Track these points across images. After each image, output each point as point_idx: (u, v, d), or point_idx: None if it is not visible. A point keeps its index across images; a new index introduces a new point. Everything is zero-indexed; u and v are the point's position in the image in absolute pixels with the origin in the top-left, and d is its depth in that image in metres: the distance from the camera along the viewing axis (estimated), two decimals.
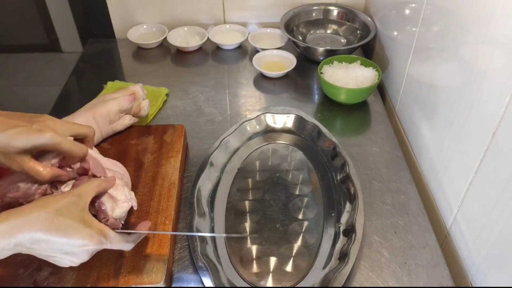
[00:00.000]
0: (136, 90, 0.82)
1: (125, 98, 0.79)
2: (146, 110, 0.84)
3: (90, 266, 0.59)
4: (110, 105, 0.77)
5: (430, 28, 0.75)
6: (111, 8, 1.17)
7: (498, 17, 0.54)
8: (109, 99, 0.78)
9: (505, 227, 0.54)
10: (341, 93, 0.89)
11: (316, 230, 0.68)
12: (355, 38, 1.12)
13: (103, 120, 0.76)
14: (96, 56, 1.13)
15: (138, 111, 0.83)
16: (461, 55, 0.64)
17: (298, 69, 1.02)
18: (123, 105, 0.78)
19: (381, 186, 0.76)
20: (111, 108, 0.77)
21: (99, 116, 0.75)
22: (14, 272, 0.59)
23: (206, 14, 1.19)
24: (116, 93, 0.80)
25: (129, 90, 0.81)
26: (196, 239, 0.63)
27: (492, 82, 0.56)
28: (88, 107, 0.77)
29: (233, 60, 1.10)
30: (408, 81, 0.86)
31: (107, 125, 0.77)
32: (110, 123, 0.78)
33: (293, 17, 1.14)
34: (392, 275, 0.62)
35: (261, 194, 0.74)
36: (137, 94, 0.82)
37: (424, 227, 0.69)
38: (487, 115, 0.56)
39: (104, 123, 0.77)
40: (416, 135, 0.82)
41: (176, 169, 0.73)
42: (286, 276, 0.62)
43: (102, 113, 0.76)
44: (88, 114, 0.75)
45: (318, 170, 0.78)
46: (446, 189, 0.70)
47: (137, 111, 0.83)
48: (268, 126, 0.86)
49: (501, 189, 0.54)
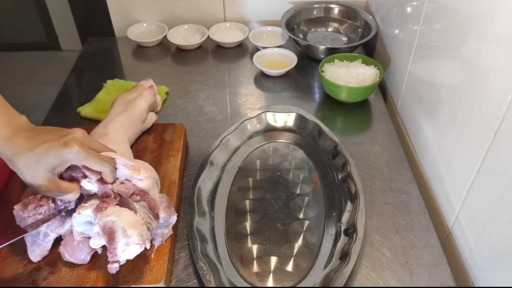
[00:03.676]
0: (151, 82, 0.81)
1: (148, 92, 0.78)
2: (160, 105, 0.85)
3: (90, 266, 0.59)
4: (140, 104, 0.75)
5: (432, 26, 0.75)
6: (111, 6, 1.16)
7: (501, 15, 0.54)
8: (133, 100, 0.75)
9: (507, 226, 0.53)
10: (342, 91, 0.89)
11: (317, 230, 0.68)
12: (356, 36, 1.12)
13: (137, 122, 0.75)
14: (95, 55, 1.12)
15: (155, 106, 0.83)
16: (463, 53, 0.64)
17: (299, 68, 1.02)
18: (150, 100, 0.78)
19: (382, 185, 0.75)
20: (142, 107, 0.75)
21: (134, 119, 0.74)
22: (13, 271, 0.59)
23: (206, 12, 1.18)
24: (132, 92, 0.78)
25: (144, 84, 0.80)
26: (196, 239, 0.63)
27: (495, 81, 0.55)
28: (115, 114, 0.73)
29: (234, 58, 1.09)
30: (409, 80, 0.85)
31: (140, 126, 0.76)
32: (143, 122, 0.77)
33: (294, 15, 1.13)
34: (393, 275, 0.62)
35: (261, 193, 0.73)
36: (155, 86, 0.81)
37: (426, 226, 0.69)
38: (489, 114, 0.56)
39: (138, 124, 0.75)
40: (418, 133, 0.81)
41: (176, 168, 0.73)
42: (287, 276, 0.62)
43: (136, 115, 0.74)
44: (123, 119, 0.72)
45: (319, 169, 0.77)
46: (448, 188, 0.69)
47: (155, 107, 0.83)
48: (268, 125, 0.85)
49: (503, 188, 0.54)
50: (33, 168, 0.50)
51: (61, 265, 0.59)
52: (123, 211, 0.56)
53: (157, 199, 0.60)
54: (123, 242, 0.53)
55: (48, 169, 0.51)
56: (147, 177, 0.60)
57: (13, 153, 0.50)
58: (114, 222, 0.54)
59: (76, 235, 0.57)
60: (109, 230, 0.54)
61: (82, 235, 0.57)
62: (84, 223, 0.56)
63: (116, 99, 0.77)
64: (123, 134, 0.70)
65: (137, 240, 0.54)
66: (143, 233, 0.55)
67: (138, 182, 0.60)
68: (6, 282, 0.58)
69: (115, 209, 0.56)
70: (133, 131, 0.74)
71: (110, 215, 0.54)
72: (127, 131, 0.72)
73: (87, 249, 0.58)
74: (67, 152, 0.51)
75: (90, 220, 0.56)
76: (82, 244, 0.58)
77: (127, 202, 0.58)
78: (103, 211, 0.55)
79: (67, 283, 0.58)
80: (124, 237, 0.54)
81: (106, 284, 0.57)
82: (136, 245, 0.54)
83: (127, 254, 0.54)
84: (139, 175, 0.59)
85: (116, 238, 0.54)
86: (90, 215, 0.55)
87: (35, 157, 0.50)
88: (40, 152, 0.50)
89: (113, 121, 0.71)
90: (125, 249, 0.53)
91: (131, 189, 0.59)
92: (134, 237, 0.54)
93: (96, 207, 0.55)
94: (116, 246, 0.53)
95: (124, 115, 0.73)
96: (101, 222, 0.54)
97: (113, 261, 0.53)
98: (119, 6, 1.16)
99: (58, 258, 0.60)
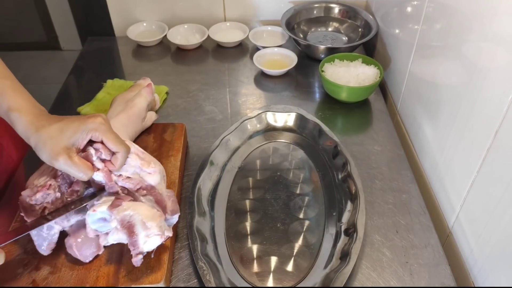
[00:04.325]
0: (148, 81, 0.82)
1: (146, 90, 0.78)
2: (158, 103, 0.85)
3: (90, 266, 0.59)
4: (139, 103, 0.76)
5: (432, 26, 0.75)
6: (111, 6, 1.16)
7: (501, 15, 0.54)
8: (131, 99, 0.76)
9: (507, 226, 0.53)
10: (343, 91, 0.89)
11: (317, 230, 0.67)
12: (356, 36, 1.11)
13: (137, 120, 0.75)
14: (95, 54, 1.12)
15: (154, 105, 0.83)
16: (463, 53, 0.64)
17: (299, 67, 1.02)
18: (148, 98, 0.78)
19: (382, 185, 0.75)
20: (140, 105, 0.76)
21: (133, 117, 0.74)
22: (13, 271, 0.59)
23: (206, 11, 1.18)
24: (130, 91, 0.78)
25: (142, 83, 0.81)
26: (196, 238, 0.63)
27: (495, 80, 0.55)
28: (115, 113, 0.73)
29: (234, 58, 1.09)
30: (410, 79, 0.85)
31: (140, 124, 0.76)
32: (142, 121, 0.77)
33: (294, 15, 1.13)
34: (393, 275, 0.62)
35: (261, 193, 0.73)
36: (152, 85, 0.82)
37: (426, 226, 0.69)
38: (490, 113, 0.56)
39: (138, 123, 0.75)
40: (418, 133, 0.81)
41: (176, 168, 0.72)
42: (287, 275, 0.62)
43: (135, 113, 0.74)
44: (122, 118, 0.72)
45: (319, 169, 0.77)
46: (448, 188, 0.69)
47: (153, 105, 0.83)
48: (268, 125, 0.85)
49: (504, 188, 0.53)
50: (56, 137, 0.53)
51: (61, 265, 0.59)
52: (139, 205, 0.57)
53: (164, 194, 0.61)
54: (144, 234, 0.54)
55: (70, 139, 0.54)
56: (155, 171, 0.61)
57: (39, 126, 0.54)
58: (132, 216, 0.55)
59: (90, 233, 0.57)
60: (127, 224, 0.55)
61: (96, 232, 0.57)
62: (99, 220, 0.57)
63: (115, 99, 0.77)
64: (123, 133, 0.70)
65: (157, 231, 0.55)
66: (161, 225, 0.56)
67: (147, 175, 0.60)
68: (6, 282, 0.58)
69: (130, 204, 0.56)
70: (133, 130, 0.74)
71: (126, 209, 0.55)
72: (127, 130, 0.72)
73: (94, 248, 0.59)
74: (91, 121, 0.55)
75: (105, 217, 0.56)
76: (90, 242, 0.59)
77: (133, 197, 0.59)
78: (118, 206, 0.55)
79: (67, 283, 0.57)
80: (144, 229, 0.55)
81: (106, 284, 0.57)
82: (157, 236, 0.55)
83: (149, 246, 0.55)
84: (149, 168, 0.60)
85: (136, 231, 0.54)
86: (105, 212, 0.56)
87: (60, 127, 0.54)
88: (65, 123, 0.55)
89: (112, 120, 0.71)
90: (146, 241, 0.55)
91: (137, 184, 0.59)
92: (154, 229, 0.55)
93: (111, 204, 0.56)
94: (137, 239, 0.54)
95: (124, 114, 0.73)
96: (119, 217, 0.55)
97: (137, 253, 0.54)
98: (119, 5, 1.16)
99: (58, 258, 0.60)
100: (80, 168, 0.54)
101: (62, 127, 0.54)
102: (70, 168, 0.54)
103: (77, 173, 0.55)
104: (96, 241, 0.59)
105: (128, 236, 0.55)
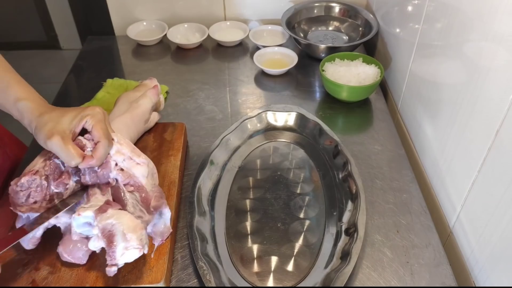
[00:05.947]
0: (155, 82, 0.81)
1: (152, 92, 0.77)
2: (163, 104, 0.84)
3: (90, 266, 0.59)
4: (144, 104, 0.75)
5: (433, 25, 0.75)
6: (111, 5, 1.16)
7: (502, 14, 0.53)
8: (136, 100, 0.75)
9: (508, 225, 0.53)
10: (343, 90, 0.89)
11: (318, 229, 0.67)
12: (357, 35, 1.11)
13: (140, 121, 0.74)
14: (95, 53, 1.12)
15: (158, 105, 0.82)
16: (464, 52, 0.63)
17: (299, 67, 1.02)
18: (154, 100, 0.77)
19: (383, 184, 0.75)
20: (145, 107, 0.75)
21: (137, 118, 0.73)
22: (13, 271, 0.59)
23: (206, 10, 1.18)
24: (136, 91, 0.78)
25: (148, 83, 0.80)
26: (196, 238, 0.62)
27: (496, 80, 0.55)
28: (118, 113, 0.73)
29: (234, 57, 1.09)
30: (410, 79, 0.85)
31: (143, 125, 0.76)
32: (145, 122, 0.76)
33: (295, 14, 1.13)
34: (394, 275, 0.62)
35: (262, 192, 0.73)
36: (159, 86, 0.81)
37: (427, 226, 0.68)
38: (491, 113, 0.56)
39: (141, 124, 0.75)
40: (419, 133, 0.81)
41: (176, 168, 0.72)
42: (287, 275, 0.62)
43: (139, 115, 0.74)
44: (125, 119, 0.72)
45: (319, 169, 0.77)
46: (449, 187, 0.69)
47: (158, 106, 0.82)
48: (269, 124, 0.85)
49: (505, 187, 0.53)
50: (56, 120, 0.57)
51: (60, 265, 0.59)
52: (123, 214, 0.56)
53: (149, 189, 0.61)
54: (122, 246, 0.53)
55: (68, 123, 0.58)
56: (144, 163, 0.62)
57: (43, 111, 0.59)
58: (114, 225, 0.54)
59: (74, 235, 0.56)
60: (108, 233, 0.54)
61: (80, 235, 0.57)
62: (83, 224, 0.56)
63: (120, 98, 0.76)
64: (125, 133, 0.70)
65: (136, 244, 0.53)
66: (142, 237, 0.55)
67: (135, 166, 0.61)
68: (6, 282, 0.58)
69: (115, 212, 0.55)
70: (135, 131, 0.74)
71: (110, 217, 0.54)
72: (129, 131, 0.72)
73: (85, 248, 0.58)
74: (89, 109, 0.60)
75: (90, 221, 0.56)
76: (80, 244, 0.58)
77: (118, 191, 0.59)
78: (104, 213, 0.55)
79: (66, 283, 0.57)
80: (123, 241, 0.53)
81: (105, 284, 0.57)
82: (135, 249, 0.53)
83: (126, 258, 0.53)
84: (139, 158, 0.62)
85: (115, 241, 0.53)
86: (89, 217, 0.55)
87: (61, 112, 0.59)
88: (66, 110, 0.60)
89: (115, 120, 0.71)
90: (124, 253, 0.53)
91: (127, 179, 0.60)
92: (133, 241, 0.53)
93: (99, 208, 0.55)
94: (115, 250, 0.53)
95: (127, 114, 0.72)
96: (101, 225, 0.54)
97: (112, 264, 0.53)
98: (119, 4, 1.16)
99: (57, 258, 0.60)
100: (70, 152, 0.56)
101: (63, 113, 0.59)
102: (62, 150, 0.56)
103: (66, 157, 0.56)
104: (85, 242, 0.58)
105: (106, 246, 0.54)
